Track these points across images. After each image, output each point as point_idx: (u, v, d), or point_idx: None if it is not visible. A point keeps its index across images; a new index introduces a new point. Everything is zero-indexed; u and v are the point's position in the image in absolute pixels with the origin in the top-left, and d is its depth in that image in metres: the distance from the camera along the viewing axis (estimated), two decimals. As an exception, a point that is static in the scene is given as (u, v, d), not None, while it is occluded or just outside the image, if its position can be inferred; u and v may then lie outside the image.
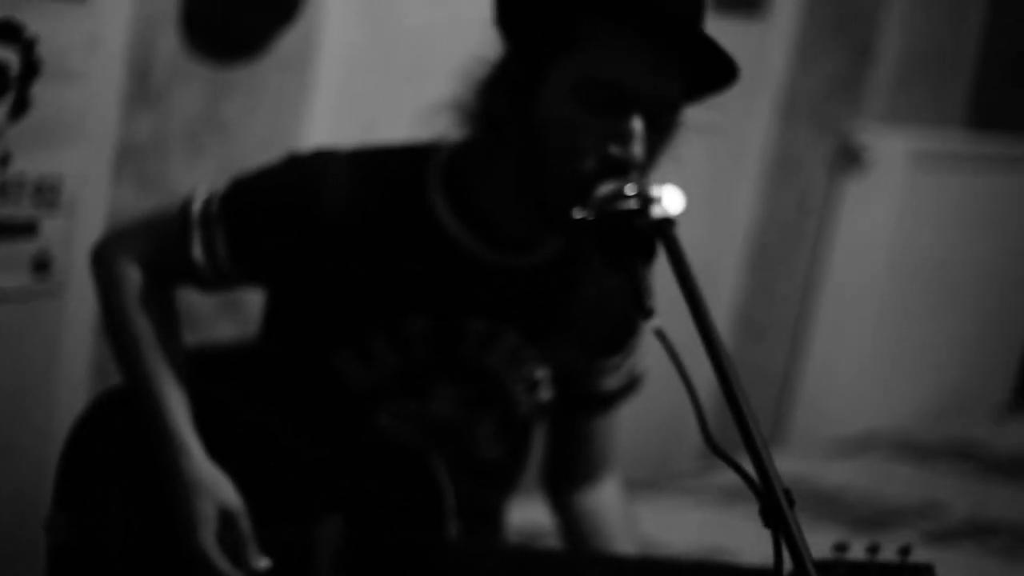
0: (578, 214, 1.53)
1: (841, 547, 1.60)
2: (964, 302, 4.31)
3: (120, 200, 2.43)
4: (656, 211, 1.45)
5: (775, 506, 1.24)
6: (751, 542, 1.95)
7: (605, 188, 1.52)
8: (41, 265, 2.30)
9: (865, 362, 3.98)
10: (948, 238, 4.15)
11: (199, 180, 2.50)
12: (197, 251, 1.75)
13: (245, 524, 1.67)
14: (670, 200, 1.46)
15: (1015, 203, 4.34)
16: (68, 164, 2.29)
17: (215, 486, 1.67)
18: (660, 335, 1.40)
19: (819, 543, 2.68)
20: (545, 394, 1.87)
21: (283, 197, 1.75)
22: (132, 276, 1.77)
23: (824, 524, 2.89)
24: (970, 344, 4.40)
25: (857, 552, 1.62)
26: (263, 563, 1.67)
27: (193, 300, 2.11)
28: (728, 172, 3.63)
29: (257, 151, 2.61)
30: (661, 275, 1.50)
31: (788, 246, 3.95)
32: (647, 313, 1.43)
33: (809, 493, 3.02)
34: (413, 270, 1.75)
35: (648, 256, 1.47)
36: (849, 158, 3.90)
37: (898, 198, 3.91)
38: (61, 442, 1.82)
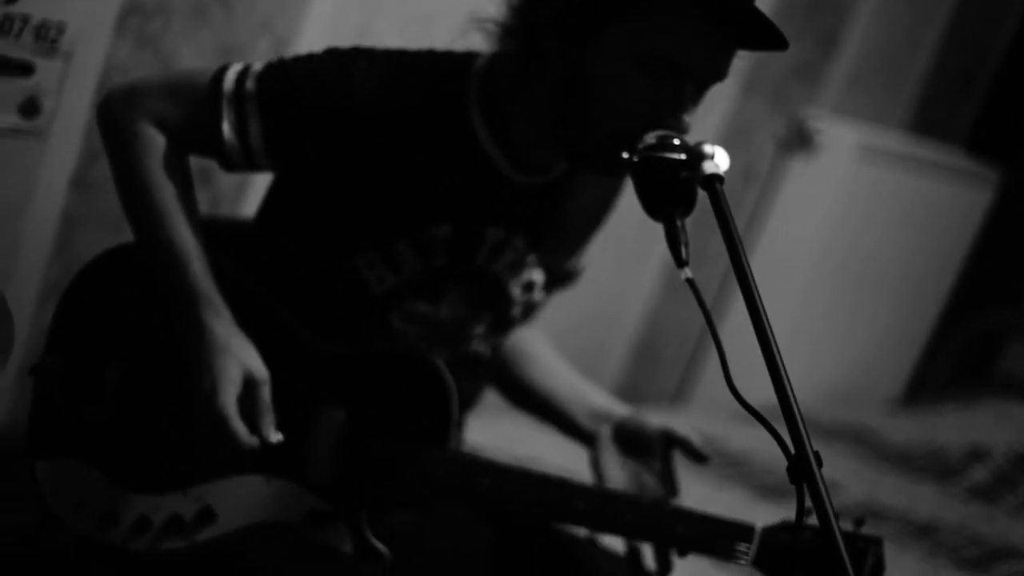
0: (626, 155, 1.58)
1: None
2: (878, 295, 4.40)
3: (115, 57, 2.42)
4: (708, 166, 1.48)
5: (805, 464, 1.28)
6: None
7: (654, 134, 1.58)
8: (30, 107, 2.29)
9: (778, 335, 4.03)
10: (877, 231, 4.23)
11: (195, 51, 2.52)
12: (227, 129, 1.72)
13: (267, 394, 1.67)
14: (720, 158, 1.50)
15: (942, 211, 4.44)
16: (72, 12, 2.28)
17: (243, 350, 1.67)
18: (691, 284, 1.46)
19: (730, 502, 2.77)
20: (538, 295, 1.95)
21: (324, 90, 1.72)
22: (156, 139, 1.74)
23: (730, 485, 2.94)
24: (876, 336, 4.51)
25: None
26: (277, 437, 1.67)
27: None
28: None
29: (254, 34, 2.62)
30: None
31: (726, 211, 3.99)
32: (682, 263, 1.49)
33: (716, 454, 3.08)
34: (442, 178, 1.77)
35: (688, 207, 1.53)
36: (800, 138, 3.97)
37: (838, 184, 3.98)
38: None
